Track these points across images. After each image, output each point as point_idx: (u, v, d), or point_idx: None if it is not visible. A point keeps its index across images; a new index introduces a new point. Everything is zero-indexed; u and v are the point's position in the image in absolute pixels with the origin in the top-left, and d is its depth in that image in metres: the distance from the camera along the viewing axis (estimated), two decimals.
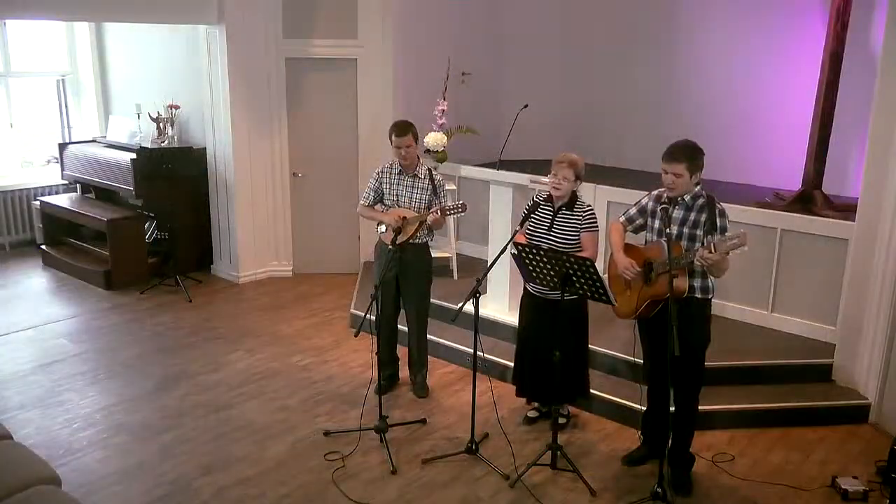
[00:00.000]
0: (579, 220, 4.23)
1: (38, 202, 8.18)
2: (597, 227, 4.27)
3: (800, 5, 6.74)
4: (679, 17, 7.53)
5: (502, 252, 4.20)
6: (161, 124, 7.52)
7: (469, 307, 4.02)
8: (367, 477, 4.06)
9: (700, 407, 4.01)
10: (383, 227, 4.76)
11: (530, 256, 3.95)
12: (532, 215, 4.29)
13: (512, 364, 4.78)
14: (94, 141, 8.31)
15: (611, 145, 8.00)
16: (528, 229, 4.31)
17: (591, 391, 4.66)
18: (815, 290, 5.26)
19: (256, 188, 7.22)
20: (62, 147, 8.23)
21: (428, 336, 5.08)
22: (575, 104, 8.27)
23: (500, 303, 5.54)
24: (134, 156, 7.10)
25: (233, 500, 3.85)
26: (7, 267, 7.77)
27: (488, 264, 4.45)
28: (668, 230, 3.69)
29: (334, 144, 7.27)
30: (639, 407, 4.36)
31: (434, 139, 6.38)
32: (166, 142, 7.51)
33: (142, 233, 7.39)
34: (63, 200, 8.06)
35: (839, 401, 4.77)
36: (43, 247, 7.99)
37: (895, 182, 4.52)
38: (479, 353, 4.15)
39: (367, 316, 4.36)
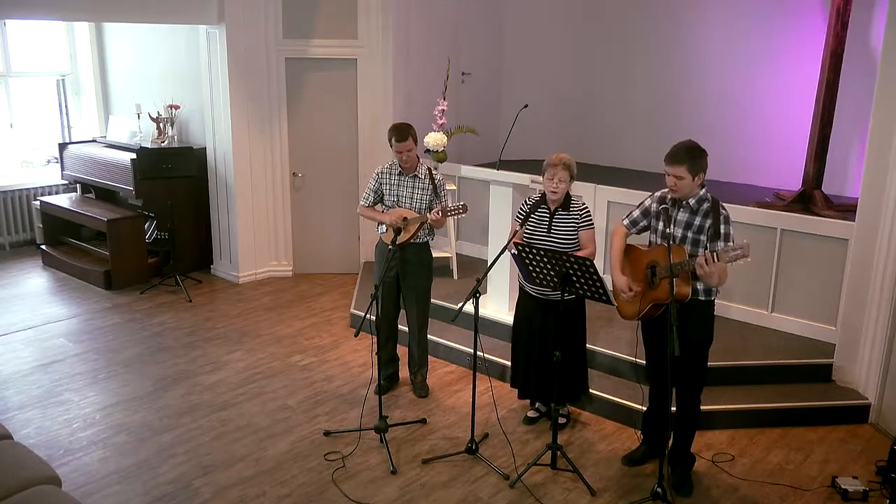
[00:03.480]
0: (577, 219, 4.23)
1: (38, 202, 8.19)
2: (593, 223, 4.30)
3: (800, 5, 6.74)
4: (679, 17, 7.53)
5: (502, 252, 4.20)
6: (161, 124, 7.53)
7: (469, 307, 4.03)
8: (367, 477, 4.06)
9: (700, 407, 4.00)
10: (384, 227, 4.76)
11: (530, 256, 3.95)
12: (530, 217, 4.29)
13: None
14: (94, 141, 8.32)
15: (611, 145, 8.01)
16: (527, 232, 4.31)
17: (592, 391, 4.66)
18: (815, 290, 5.26)
19: (256, 188, 7.22)
20: (62, 147, 8.23)
21: (428, 336, 5.08)
22: (575, 104, 8.28)
23: (500, 303, 5.54)
24: (134, 156, 7.09)
25: (233, 500, 3.85)
26: (7, 267, 7.77)
27: (488, 264, 4.45)
28: (668, 231, 3.68)
29: (334, 144, 7.27)
30: (639, 407, 4.36)
31: (434, 139, 6.38)
32: (166, 142, 7.52)
33: (142, 233, 7.39)
34: (63, 200, 8.06)
35: (839, 401, 4.76)
36: (43, 247, 7.99)
37: (895, 182, 4.53)
38: (479, 353, 4.15)
39: (367, 316, 4.36)
